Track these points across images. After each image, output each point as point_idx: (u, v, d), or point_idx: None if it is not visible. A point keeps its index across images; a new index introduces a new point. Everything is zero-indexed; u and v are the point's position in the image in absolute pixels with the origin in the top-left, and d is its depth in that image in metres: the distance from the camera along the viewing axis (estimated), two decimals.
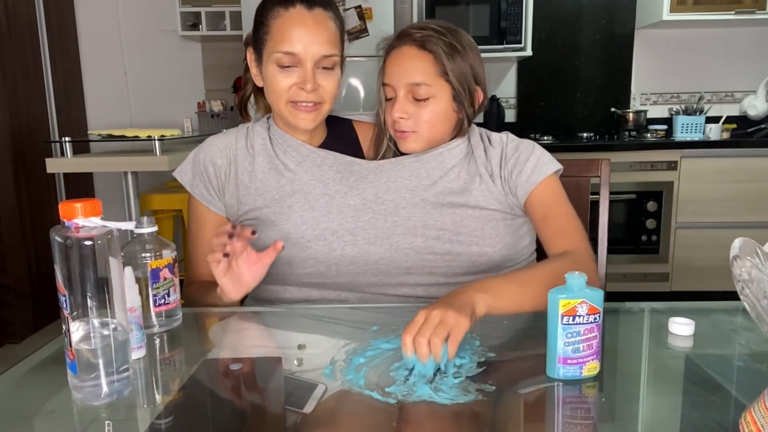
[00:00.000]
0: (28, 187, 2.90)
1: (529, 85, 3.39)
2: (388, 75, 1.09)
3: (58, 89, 3.17)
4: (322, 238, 1.06)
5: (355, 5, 2.73)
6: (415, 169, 1.10)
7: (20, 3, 2.90)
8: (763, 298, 0.60)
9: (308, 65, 1.02)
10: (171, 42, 3.38)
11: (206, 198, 1.12)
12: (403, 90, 1.07)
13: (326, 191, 1.09)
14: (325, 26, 1.03)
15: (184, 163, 1.15)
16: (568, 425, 0.63)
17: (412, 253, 1.06)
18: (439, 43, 1.06)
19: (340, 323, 0.96)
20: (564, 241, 1.03)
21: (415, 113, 1.08)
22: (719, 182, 2.83)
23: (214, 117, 3.28)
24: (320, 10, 1.03)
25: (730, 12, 2.93)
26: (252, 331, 0.97)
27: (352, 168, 1.11)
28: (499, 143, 1.12)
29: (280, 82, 1.04)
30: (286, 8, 1.02)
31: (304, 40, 1.01)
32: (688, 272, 2.90)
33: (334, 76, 1.06)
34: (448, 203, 1.07)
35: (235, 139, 1.14)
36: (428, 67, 1.06)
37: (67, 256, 0.65)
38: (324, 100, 1.06)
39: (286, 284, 1.09)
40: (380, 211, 1.07)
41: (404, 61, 1.07)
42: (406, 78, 1.07)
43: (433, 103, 1.07)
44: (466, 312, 0.75)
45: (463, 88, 1.08)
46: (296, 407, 0.66)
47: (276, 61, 1.03)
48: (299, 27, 1.01)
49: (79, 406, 0.69)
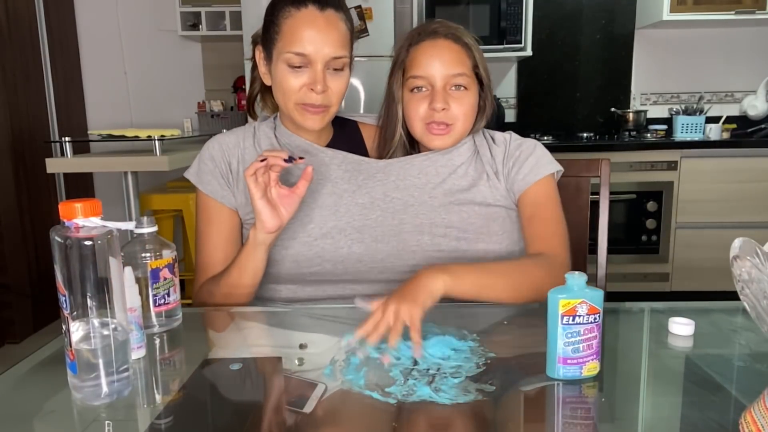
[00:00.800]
0: (28, 187, 2.90)
1: (529, 85, 3.39)
2: (422, 67, 1.07)
3: (58, 89, 3.17)
4: (330, 236, 1.06)
5: (355, 5, 2.73)
6: (425, 168, 1.11)
7: (20, 3, 2.90)
8: (763, 298, 0.60)
9: (318, 66, 1.02)
10: (171, 42, 3.38)
11: (219, 193, 1.10)
12: (442, 81, 1.07)
13: (334, 190, 1.09)
14: (336, 27, 1.03)
15: (193, 164, 1.14)
16: (568, 425, 0.63)
17: (419, 251, 1.06)
18: (468, 37, 1.09)
19: (341, 322, 0.96)
20: (542, 244, 1.05)
21: (452, 106, 1.08)
22: (719, 182, 2.83)
23: (214, 117, 3.28)
24: (332, 11, 1.03)
25: (730, 12, 2.93)
26: (252, 330, 0.97)
27: (360, 167, 1.11)
28: (502, 142, 1.14)
29: (290, 83, 1.03)
30: (297, 8, 1.02)
31: (316, 41, 1.01)
32: (688, 272, 2.90)
33: (344, 78, 1.06)
34: (455, 201, 1.08)
35: (243, 137, 1.14)
36: (465, 59, 1.08)
37: (67, 256, 0.65)
38: (332, 103, 1.06)
39: (291, 283, 1.09)
40: (388, 209, 1.08)
41: (443, 53, 1.07)
42: (446, 69, 1.06)
43: (469, 95, 1.09)
44: (419, 300, 0.81)
45: (488, 81, 1.12)
46: (296, 407, 0.66)
47: (286, 61, 1.02)
48: (311, 27, 1.01)
49: (79, 406, 0.69)
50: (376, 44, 2.67)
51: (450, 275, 0.88)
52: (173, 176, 2.96)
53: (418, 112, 1.09)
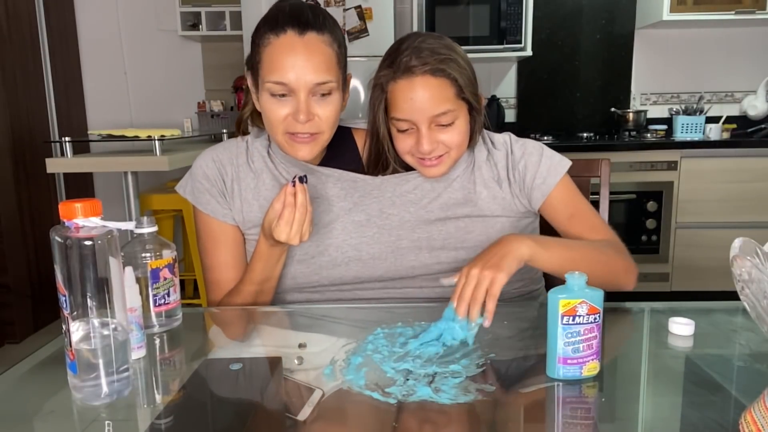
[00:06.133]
0: (28, 187, 2.90)
1: (529, 85, 3.39)
2: (402, 110, 0.99)
3: (58, 89, 3.17)
4: (326, 253, 1.06)
5: (355, 5, 2.73)
6: (419, 183, 1.09)
7: (20, 3, 2.90)
8: (763, 298, 0.60)
9: (301, 95, 0.96)
10: (171, 42, 3.38)
11: (220, 212, 1.08)
12: (425, 123, 0.99)
13: (330, 208, 1.08)
14: (318, 51, 0.96)
15: (187, 179, 1.11)
16: (568, 425, 0.63)
17: (417, 265, 1.07)
18: (449, 63, 0.99)
19: (341, 322, 0.96)
20: (599, 235, 1.05)
21: (442, 140, 1.01)
22: (719, 182, 2.83)
23: (214, 117, 3.28)
24: (313, 35, 0.96)
25: (730, 12, 2.93)
26: (252, 330, 0.97)
27: (356, 184, 1.09)
28: (502, 145, 1.11)
29: (275, 113, 0.99)
30: (276, 35, 0.96)
31: (296, 69, 0.95)
32: (688, 272, 2.90)
33: (332, 104, 1.00)
34: (452, 215, 1.07)
35: (236, 154, 1.10)
36: (448, 92, 0.99)
37: (67, 256, 0.65)
38: (322, 130, 1.00)
39: (289, 292, 1.10)
40: (385, 226, 1.07)
41: (423, 93, 0.98)
42: (429, 111, 0.98)
43: (458, 125, 1.01)
44: (503, 265, 0.82)
45: (476, 99, 1.04)
46: (290, 414, 0.66)
47: (268, 90, 0.98)
48: (290, 54, 0.95)
49: (79, 406, 0.69)
50: (376, 44, 2.67)
51: (535, 241, 0.89)
52: (173, 176, 2.96)
53: (406, 148, 1.03)
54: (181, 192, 1.11)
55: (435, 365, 0.75)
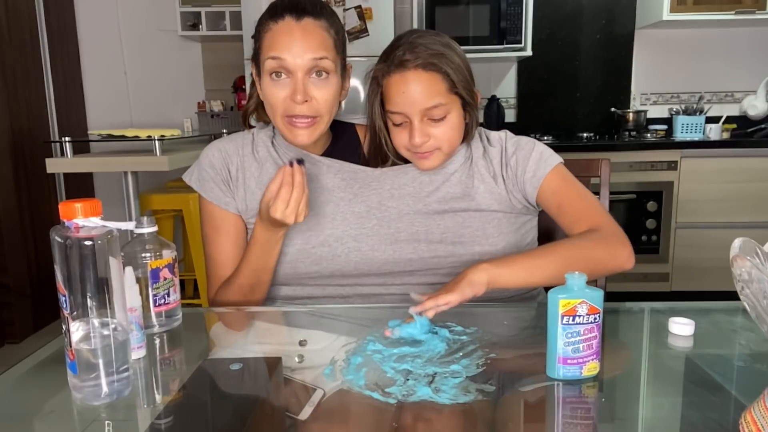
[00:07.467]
0: (28, 187, 2.90)
1: (529, 85, 3.39)
2: (396, 103, 1.02)
3: (58, 89, 3.17)
4: (327, 244, 1.07)
5: (355, 5, 2.73)
6: (418, 176, 1.10)
7: (20, 3, 2.90)
8: (763, 298, 0.60)
9: (299, 75, 0.99)
10: (171, 42, 3.38)
11: (223, 200, 1.10)
12: (418, 116, 1.02)
13: (331, 198, 1.09)
14: (314, 34, 1.00)
15: (193, 168, 1.14)
16: (568, 425, 0.63)
17: (415, 258, 1.07)
18: (441, 58, 1.01)
19: (341, 320, 0.96)
20: (583, 223, 1.03)
21: (434, 134, 1.03)
22: (719, 182, 2.83)
23: (214, 117, 3.28)
24: (310, 20, 1.00)
25: (730, 12, 2.93)
26: (252, 329, 0.97)
27: (356, 176, 1.11)
28: (498, 141, 1.12)
29: (274, 95, 1.02)
30: (275, 21, 1.01)
31: (293, 49, 0.99)
32: (688, 272, 2.90)
33: (329, 86, 1.02)
34: (450, 208, 1.08)
35: (242, 145, 1.13)
36: (440, 86, 1.01)
37: (67, 256, 0.65)
38: (320, 114, 1.03)
39: (290, 284, 1.10)
40: (384, 218, 1.08)
41: (414, 86, 1.01)
42: (420, 104, 1.01)
43: (450, 119, 1.04)
44: (456, 290, 0.87)
45: (470, 95, 1.06)
46: (292, 413, 0.66)
47: (267, 70, 1.01)
48: (287, 36, 0.99)
49: (79, 406, 0.69)
50: (376, 44, 2.66)
51: (494, 264, 0.92)
52: (173, 176, 2.96)
53: (401, 142, 1.06)
54: (187, 180, 1.13)
55: (435, 365, 0.75)
